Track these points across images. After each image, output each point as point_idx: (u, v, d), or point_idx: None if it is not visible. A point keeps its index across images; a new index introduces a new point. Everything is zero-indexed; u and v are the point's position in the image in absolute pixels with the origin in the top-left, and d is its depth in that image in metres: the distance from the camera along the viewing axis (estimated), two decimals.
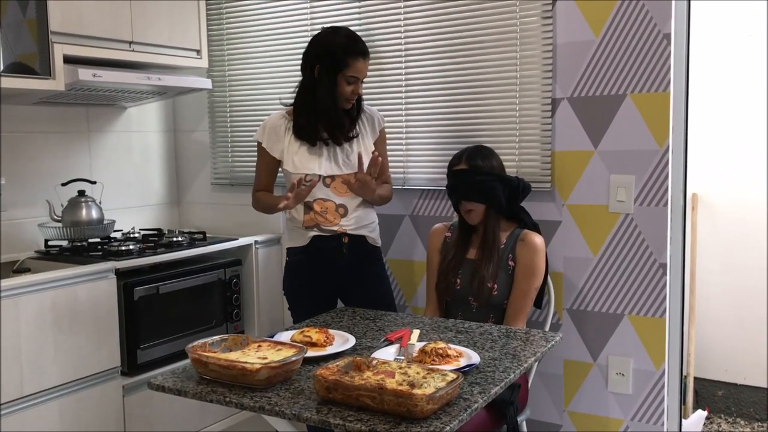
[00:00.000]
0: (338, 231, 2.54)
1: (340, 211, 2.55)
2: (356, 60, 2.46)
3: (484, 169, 2.40)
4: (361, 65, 2.48)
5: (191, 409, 2.81)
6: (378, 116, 2.69)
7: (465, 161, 2.42)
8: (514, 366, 1.83)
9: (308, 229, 2.55)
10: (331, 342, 2.00)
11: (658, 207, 2.48)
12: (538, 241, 2.41)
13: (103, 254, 2.70)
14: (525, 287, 2.38)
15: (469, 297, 2.43)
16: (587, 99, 2.56)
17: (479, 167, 2.40)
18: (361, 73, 2.49)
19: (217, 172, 3.45)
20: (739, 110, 3.64)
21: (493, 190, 2.39)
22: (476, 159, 2.42)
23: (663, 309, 2.50)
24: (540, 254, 2.39)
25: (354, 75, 2.46)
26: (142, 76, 2.80)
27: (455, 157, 2.48)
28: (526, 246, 2.40)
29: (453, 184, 2.46)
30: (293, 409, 1.56)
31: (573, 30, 2.56)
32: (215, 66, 3.36)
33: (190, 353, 1.77)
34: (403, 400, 1.48)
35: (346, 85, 2.47)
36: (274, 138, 2.58)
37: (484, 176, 2.39)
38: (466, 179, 2.41)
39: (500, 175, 2.43)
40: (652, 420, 2.54)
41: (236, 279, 3.04)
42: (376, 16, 2.94)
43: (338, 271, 2.58)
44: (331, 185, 2.55)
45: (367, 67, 2.52)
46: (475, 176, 2.39)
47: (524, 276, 2.38)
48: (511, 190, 2.42)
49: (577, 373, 2.66)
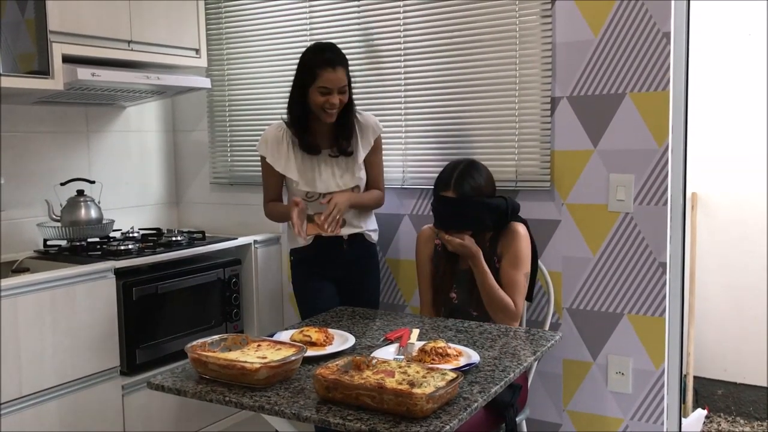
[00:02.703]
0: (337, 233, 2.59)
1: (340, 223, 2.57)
2: (324, 71, 2.46)
3: (472, 198, 2.31)
4: (330, 75, 2.46)
5: (190, 409, 2.81)
6: (374, 126, 2.68)
7: (453, 188, 2.32)
8: (514, 365, 1.83)
9: (309, 235, 2.58)
10: (330, 341, 2.00)
11: (657, 206, 2.48)
12: (520, 229, 2.37)
13: (102, 254, 2.70)
14: (512, 275, 2.33)
15: (469, 308, 2.42)
16: (586, 98, 2.56)
17: (467, 195, 2.30)
18: (332, 83, 2.46)
19: (216, 171, 3.45)
20: (739, 109, 3.64)
21: (481, 220, 2.32)
22: (464, 185, 2.31)
23: (662, 308, 2.49)
24: (522, 240, 2.35)
25: (324, 86, 2.46)
26: (141, 75, 2.80)
27: (442, 179, 2.37)
28: (508, 235, 2.37)
29: (440, 211, 2.36)
30: (293, 408, 1.56)
31: (572, 29, 2.56)
32: (214, 65, 3.36)
33: (190, 353, 1.76)
34: (403, 400, 1.48)
35: (319, 97, 2.48)
36: (277, 153, 2.63)
37: (470, 208, 2.30)
38: (453, 209, 2.32)
39: (487, 204, 2.33)
40: (652, 419, 2.54)
41: (235, 279, 3.04)
42: (375, 15, 2.94)
43: (337, 264, 2.68)
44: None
45: (341, 77, 2.48)
46: (461, 207, 2.31)
47: (510, 264, 2.35)
48: (499, 214, 2.35)
49: (576, 373, 2.66)
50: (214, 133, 3.43)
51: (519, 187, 2.70)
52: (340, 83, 2.48)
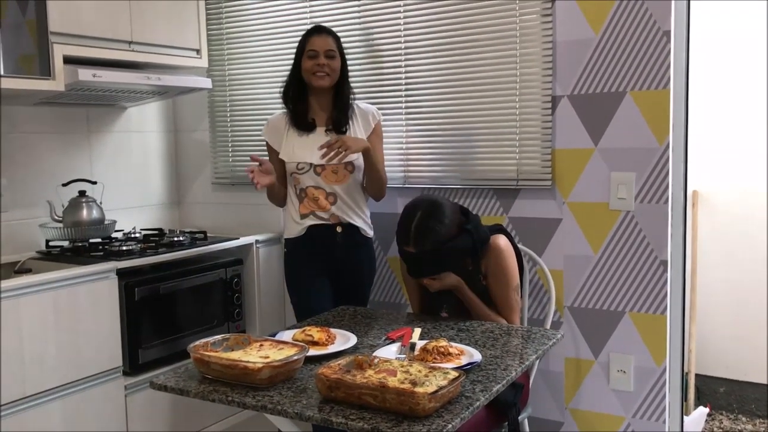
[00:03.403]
0: (331, 221, 2.67)
1: (330, 199, 2.68)
2: (310, 37, 2.68)
3: (432, 250, 2.19)
4: (316, 39, 2.66)
5: (193, 409, 2.81)
6: (373, 111, 2.79)
7: (413, 244, 2.21)
8: (516, 364, 1.83)
9: (304, 218, 2.68)
10: (332, 341, 2.01)
11: (658, 204, 2.48)
12: (501, 242, 2.29)
13: (104, 254, 2.70)
14: (502, 294, 2.29)
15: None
16: (587, 96, 2.57)
17: (426, 250, 2.20)
18: (319, 46, 2.64)
19: (217, 171, 3.46)
20: (740, 107, 3.64)
21: (448, 264, 2.24)
22: (423, 240, 2.19)
23: (664, 306, 2.50)
24: (506, 255, 2.28)
25: (312, 49, 2.65)
26: (142, 76, 2.80)
27: (401, 232, 2.25)
28: (489, 254, 2.29)
29: (407, 263, 2.29)
30: (295, 407, 1.56)
31: (573, 28, 2.56)
32: (215, 65, 3.36)
33: (192, 353, 1.77)
34: (405, 399, 1.48)
35: (308, 61, 2.66)
36: (276, 134, 2.76)
37: (433, 257, 2.21)
38: (416, 262, 2.25)
39: (452, 247, 2.21)
40: (654, 417, 2.54)
41: (237, 278, 3.04)
42: (376, 14, 2.94)
43: (332, 257, 2.70)
44: (322, 174, 2.67)
45: (328, 41, 2.66)
46: (426, 259, 2.22)
47: (497, 283, 2.29)
48: (467, 249, 2.25)
49: (578, 371, 2.67)
50: (216, 133, 3.44)
51: (520, 186, 2.70)
52: (327, 46, 2.65)
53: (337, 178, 2.67)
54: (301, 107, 2.72)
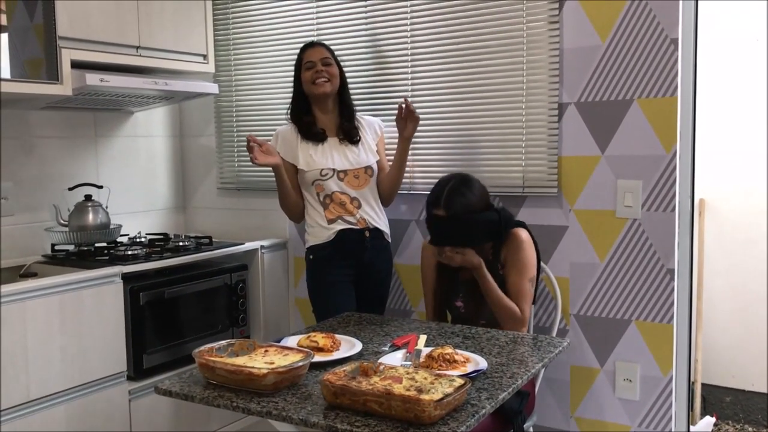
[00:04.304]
0: (359, 225, 2.70)
1: (354, 203, 2.70)
2: (305, 51, 2.75)
3: (462, 216, 2.29)
4: (310, 51, 2.74)
5: (197, 414, 2.80)
6: (377, 123, 2.87)
7: (443, 207, 2.31)
8: (522, 372, 1.82)
9: (332, 223, 2.69)
10: (337, 347, 2.00)
11: (665, 212, 2.47)
12: (522, 234, 2.36)
13: (109, 259, 2.70)
14: (517, 283, 2.33)
15: (476, 318, 2.41)
16: (594, 104, 2.56)
17: (457, 214, 2.29)
18: (314, 56, 2.71)
19: (223, 176, 3.46)
20: (747, 115, 3.63)
21: (473, 236, 2.32)
22: (454, 203, 2.30)
23: (670, 315, 2.48)
24: (525, 246, 2.35)
25: (308, 60, 2.72)
26: (149, 80, 2.80)
27: (433, 197, 2.36)
28: (511, 243, 2.36)
29: (433, 229, 2.37)
30: (300, 414, 1.56)
31: (580, 35, 2.56)
32: (222, 70, 3.37)
33: (198, 358, 1.76)
34: (411, 406, 1.47)
35: (307, 72, 2.71)
36: (288, 146, 2.74)
37: (460, 224, 2.29)
38: (443, 227, 2.33)
39: (478, 220, 2.31)
40: (660, 426, 2.53)
41: (242, 284, 3.04)
42: (383, 20, 2.94)
43: (360, 261, 2.72)
44: (345, 179, 2.70)
45: (321, 51, 2.73)
46: (452, 224, 2.30)
47: (515, 272, 2.34)
48: (492, 227, 2.33)
49: (584, 379, 2.65)
50: (222, 138, 3.44)
51: (526, 193, 2.70)
52: (321, 55, 2.71)
53: (359, 182, 2.71)
54: (308, 119, 2.75)
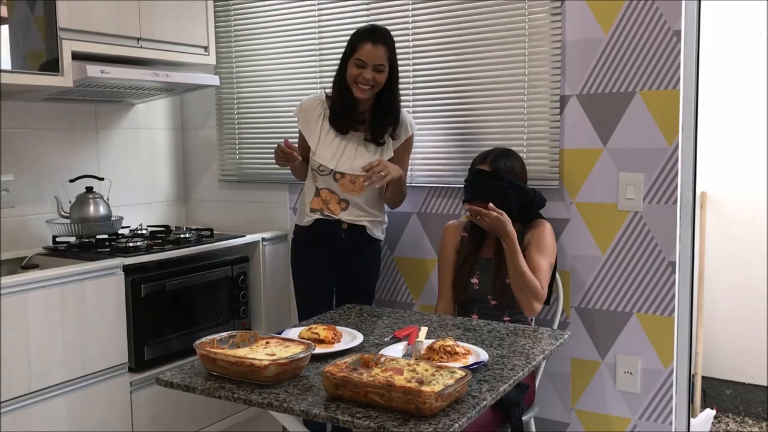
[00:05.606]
0: (339, 219, 2.68)
1: (342, 205, 2.68)
2: (363, 44, 2.51)
3: (503, 175, 2.42)
4: (368, 48, 2.50)
5: (198, 406, 2.81)
6: (408, 122, 2.71)
7: (489, 163, 2.44)
8: (522, 364, 1.82)
9: (313, 212, 2.70)
10: (339, 339, 2.00)
11: (667, 205, 2.47)
12: (547, 223, 2.47)
13: (110, 251, 2.71)
14: (537, 261, 2.38)
15: (488, 296, 2.43)
16: (596, 96, 2.55)
17: (499, 171, 2.42)
18: (368, 57, 2.50)
19: (224, 169, 3.46)
20: (749, 108, 3.62)
21: (506, 197, 2.40)
22: (500, 161, 2.44)
23: (672, 307, 2.48)
24: (549, 232, 2.45)
25: (359, 58, 2.51)
26: (150, 72, 2.80)
27: (481, 155, 2.50)
28: (535, 227, 2.45)
29: (471, 181, 2.47)
30: (301, 405, 1.56)
31: (582, 27, 2.55)
32: (223, 63, 3.36)
33: (199, 349, 1.77)
34: (412, 397, 1.47)
35: (354, 69, 2.53)
36: (308, 121, 2.70)
37: (501, 182, 2.41)
38: (483, 180, 2.43)
39: (517, 184, 2.44)
40: (660, 419, 2.53)
41: (243, 276, 3.04)
42: (384, 12, 2.93)
43: (334, 251, 2.71)
44: (340, 181, 2.65)
45: (379, 54, 2.50)
46: (492, 180, 2.41)
47: (536, 250, 2.40)
48: (525, 201, 2.44)
49: (584, 372, 2.66)
50: (223, 130, 3.44)
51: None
52: (377, 60, 2.50)
53: (354, 188, 2.65)
54: (340, 108, 2.62)
